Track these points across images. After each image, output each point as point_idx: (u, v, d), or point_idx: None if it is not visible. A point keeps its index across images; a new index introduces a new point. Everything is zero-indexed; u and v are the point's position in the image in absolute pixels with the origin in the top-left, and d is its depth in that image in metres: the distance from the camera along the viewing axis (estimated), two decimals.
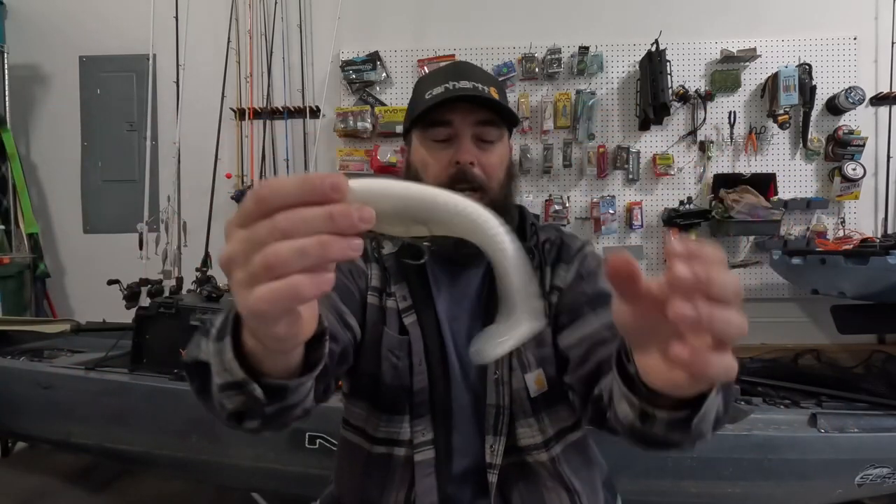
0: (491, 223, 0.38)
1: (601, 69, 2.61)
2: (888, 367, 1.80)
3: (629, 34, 2.63)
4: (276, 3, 2.68)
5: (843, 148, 2.52)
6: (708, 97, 2.58)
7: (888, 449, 1.38)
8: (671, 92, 2.51)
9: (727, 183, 2.50)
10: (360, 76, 2.65)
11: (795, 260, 2.20)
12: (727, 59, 2.56)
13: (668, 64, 2.48)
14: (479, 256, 0.73)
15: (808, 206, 2.52)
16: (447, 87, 0.76)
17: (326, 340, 0.44)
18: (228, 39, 2.62)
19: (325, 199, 0.30)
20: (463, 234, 0.38)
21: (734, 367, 0.33)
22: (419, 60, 2.66)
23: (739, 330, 0.32)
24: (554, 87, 2.66)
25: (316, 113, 2.71)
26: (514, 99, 2.60)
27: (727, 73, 2.59)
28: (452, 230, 0.38)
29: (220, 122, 2.60)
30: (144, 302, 1.83)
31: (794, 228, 2.58)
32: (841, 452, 1.38)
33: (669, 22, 2.55)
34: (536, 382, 0.78)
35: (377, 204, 0.33)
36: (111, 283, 1.91)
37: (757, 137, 2.58)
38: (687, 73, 2.62)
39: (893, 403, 1.47)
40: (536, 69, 2.61)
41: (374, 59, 2.65)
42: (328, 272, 0.31)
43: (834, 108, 2.55)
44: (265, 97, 2.66)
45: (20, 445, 2.32)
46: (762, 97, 2.60)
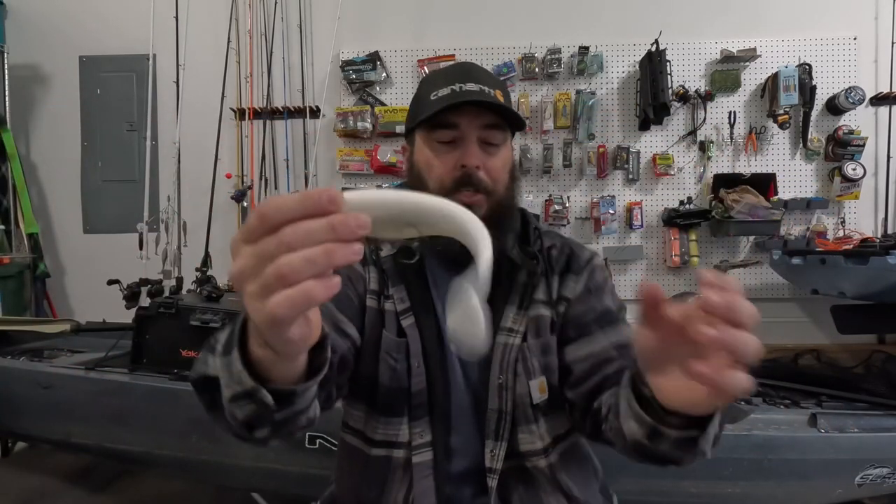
0: (475, 224, 0.42)
1: (601, 69, 2.61)
2: (888, 367, 1.80)
3: (629, 34, 2.63)
4: (276, 3, 2.68)
5: (843, 148, 2.51)
6: (708, 97, 2.57)
7: (888, 449, 1.38)
8: (671, 92, 2.51)
9: (727, 183, 2.50)
10: (360, 76, 2.65)
11: (795, 260, 2.20)
12: (727, 59, 2.56)
13: (668, 64, 2.48)
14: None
15: (808, 206, 2.52)
16: (454, 88, 0.75)
17: (328, 345, 0.47)
18: (228, 39, 2.62)
19: (323, 211, 0.32)
20: (449, 232, 0.42)
21: (751, 383, 0.37)
22: (419, 60, 2.66)
23: (756, 350, 0.36)
24: (554, 87, 2.65)
25: (316, 113, 2.71)
26: (514, 99, 2.60)
27: (727, 73, 2.59)
28: (439, 230, 0.42)
29: (220, 122, 2.60)
30: (144, 302, 1.83)
31: (794, 228, 2.57)
32: (841, 452, 1.38)
33: (669, 22, 2.55)
34: (539, 389, 0.78)
35: (370, 212, 0.35)
36: (111, 283, 1.91)
37: (757, 137, 2.58)
38: (687, 73, 2.62)
39: (893, 403, 1.47)
40: (536, 69, 2.61)
41: (374, 59, 2.65)
42: (335, 276, 0.33)
43: (834, 108, 2.55)
44: (265, 97, 2.66)
45: (20, 445, 2.32)
46: (762, 97, 2.60)
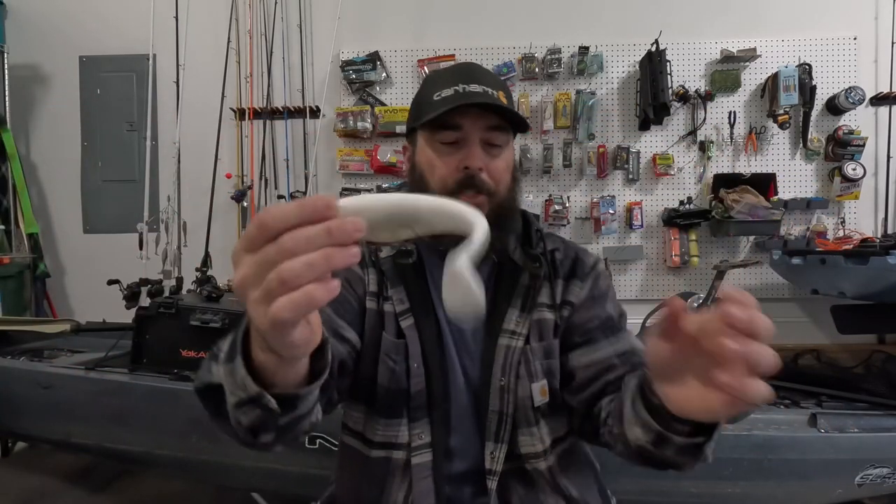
0: (466, 209, 0.44)
1: (601, 69, 2.61)
2: (888, 367, 1.80)
3: (629, 34, 2.63)
4: (276, 3, 2.68)
5: (843, 148, 2.51)
6: (708, 97, 2.57)
7: (888, 449, 1.38)
8: (671, 92, 2.51)
9: (727, 183, 2.50)
10: (360, 76, 2.65)
11: (795, 260, 2.20)
12: (727, 59, 2.56)
13: (668, 64, 2.48)
14: (484, 259, 0.76)
15: (808, 206, 2.52)
16: (457, 89, 0.75)
17: (328, 349, 0.48)
18: (228, 39, 2.62)
19: (320, 217, 0.34)
20: (443, 228, 0.43)
21: (770, 392, 0.39)
22: (419, 60, 2.66)
23: (772, 362, 0.38)
24: (554, 87, 2.65)
25: (316, 113, 2.71)
26: (514, 99, 2.59)
27: (727, 73, 2.59)
28: (433, 228, 0.43)
29: (220, 122, 2.60)
30: (144, 302, 1.83)
31: (794, 228, 2.57)
32: (841, 452, 1.38)
33: (669, 22, 2.55)
34: (541, 392, 0.79)
35: (365, 216, 0.37)
36: (111, 283, 1.91)
37: (757, 137, 2.58)
38: (687, 73, 2.62)
39: (893, 403, 1.47)
40: (536, 69, 2.61)
41: (374, 59, 2.65)
42: (334, 280, 0.34)
43: (834, 108, 2.55)
44: (265, 97, 2.66)
45: (20, 445, 2.32)
46: (762, 97, 2.60)
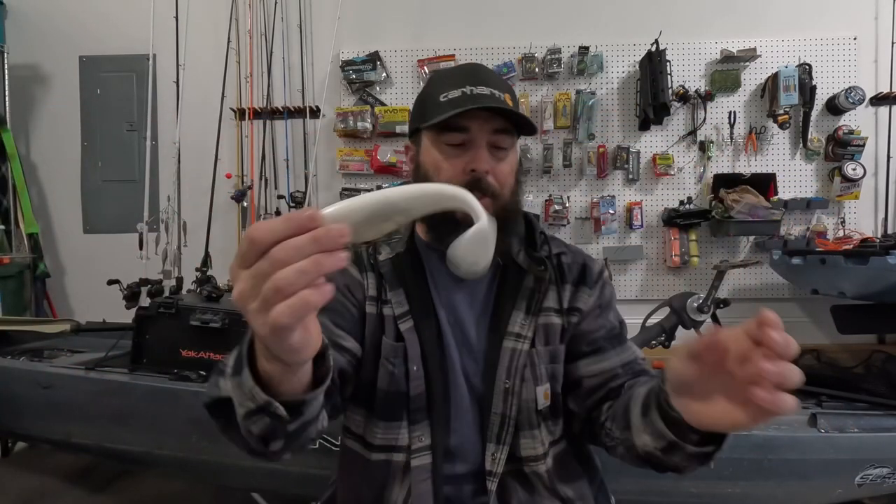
0: (438, 187, 0.48)
1: (601, 69, 2.61)
2: (888, 367, 1.80)
3: (629, 34, 2.63)
4: (276, 3, 2.68)
5: (843, 148, 2.51)
6: (708, 97, 2.57)
7: (888, 449, 1.37)
8: (671, 92, 2.51)
9: (727, 183, 2.50)
10: (360, 76, 2.65)
11: (795, 260, 2.20)
12: (727, 59, 2.56)
13: (668, 64, 2.48)
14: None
15: (808, 206, 2.52)
16: (464, 91, 0.75)
17: (329, 355, 0.50)
18: (228, 39, 2.62)
19: (306, 229, 0.36)
20: (422, 211, 0.47)
21: (797, 404, 0.43)
22: (419, 60, 2.66)
23: (799, 378, 0.42)
24: (554, 87, 2.65)
25: (316, 113, 2.71)
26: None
27: (727, 73, 2.59)
28: (412, 214, 0.46)
29: (220, 122, 2.60)
30: (144, 302, 1.83)
31: (794, 228, 2.57)
32: (841, 452, 1.38)
33: (669, 22, 2.55)
34: (544, 396, 0.80)
35: (348, 220, 0.40)
36: (111, 283, 1.91)
37: (757, 137, 2.58)
38: (687, 73, 2.62)
39: (893, 403, 1.47)
40: (536, 69, 2.61)
41: (374, 59, 2.65)
42: (326, 285, 0.37)
43: (834, 108, 2.55)
44: (265, 97, 2.66)
45: (20, 445, 2.32)
46: (762, 97, 2.60)
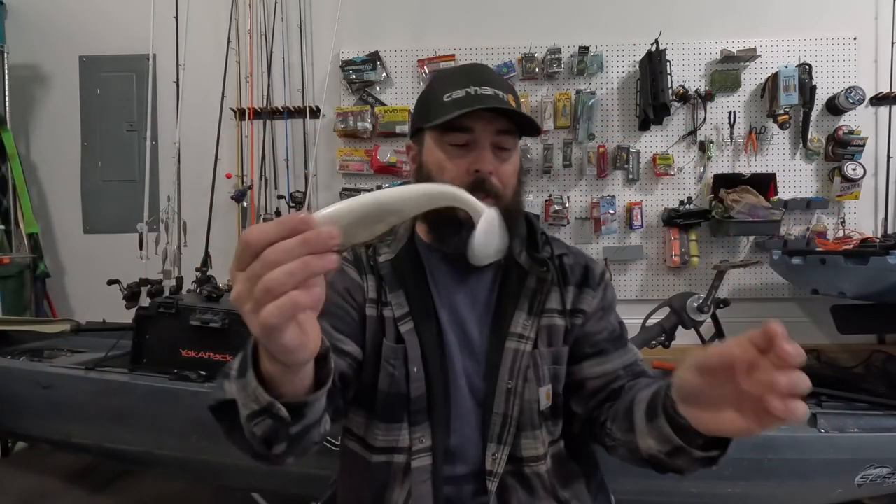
0: (429, 187, 0.51)
1: (601, 69, 2.61)
2: (888, 367, 1.80)
3: (629, 34, 2.63)
4: (276, 3, 2.68)
5: (843, 148, 2.51)
6: (708, 97, 2.57)
7: (888, 449, 1.37)
8: (671, 92, 2.51)
9: (727, 183, 2.49)
10: (360, 76, 2.65)
11: (795, 260, 2.20)
12: (727, 59, 2.56)
13: (668, 64, 2.48)
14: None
15: (808, 206, 2.52)
16: (468, 91, 0.75)
17: (331, 357, 0.51)
18: (228, 39, 2.62)
19: (297, 231, 0.37)
20: (415, 210, 0.49)
21: (807, 410, 0.43)
22: (419, 60, 2.66)
23: (808, 386, 0.43)
24: (554, 87, 2.65)
25: (316, 113, 2.71)
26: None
27: (727, 73, 2.59)
28: (404, 214, 0.48)
29: (220, 122, 2.60)
30: (144, 302, 1.83)
31: (794, 228, 2.57)
32: (841, 452, 1.38)
33: (669, 22, 2.54)
34: (546, 397, 0.80)
35: (338, 223, 0.41)
36: (111, 283, 1.91)
37: (757, 137, 2.58)
38: (687, 73, 2.62)
39: (893, 403, 1.47)
40: (536, 69, 2.60)
41: (374, 59, 2.65)
42: (317, 286, 0.38)
43: (834, 108, 2.55)
44: (265, 97, 2.66)
45: (20, 445, 2.32)
46: (762, 97, 2.60)
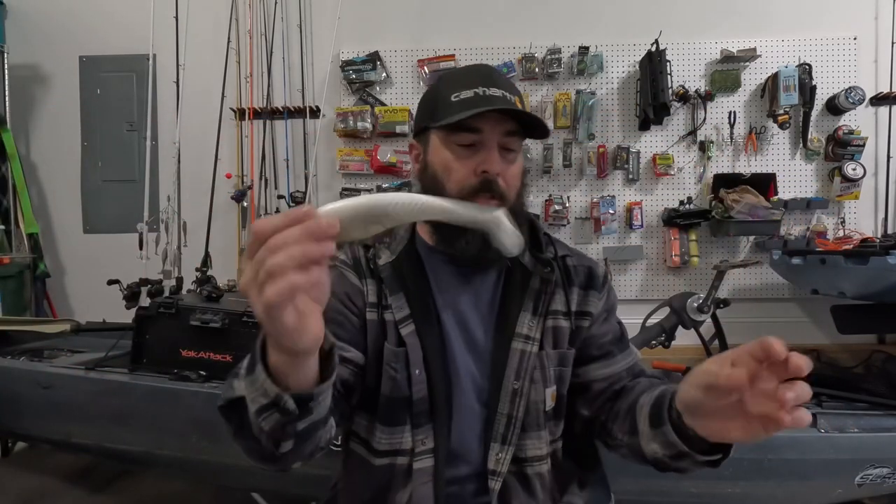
0: (427, 198, 0.56)
1: (601, 69, 2.61)
2: (888, 367, 1.81)
3: (629, 34, 2.63)
4: (276, 3, 2.68)
5: (843, 148, 2.51)
6: (708, 97, 2.57)
7: (888, 449, 1.38)
8: (671, 92, 2.51)
9: (727, 183, 2.50)
10: (360, 76, 2.65)
11: (795, 260, 2.20)
12: (727, 59, 2.56)
13: (668, 64, 2.48)
14: (494, 263, 0.79)
15: (808, 206, 2.52)
16: (477, 92, 0.75)
17: (335, 353, 0.53)
18: (228, 39, 2.62)
19: (300, 222, 0.41)
20: (409, 217, 0.53)
21: (809, 416, 0.46)
22: (419, 60, 2.66)
23: (810, 395, 0.46)
24: (554, 87, 2.65)
25: (316, 113, 2.71)
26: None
27: (727, 73, 2.59)
28: (400, 219, 0.52)
29: (220, 122, 2.61)
30: (144, 302, 1.83)
31: (794, 228, 2.57)
32: (841, 452, 1.38)
33: (669, 22, 2.55)
34: (552, 398, 0.81)
35: (339, 217, 0.45)
36: (111, 283, 1.91)
37: (757, 137, 2.58)
38: (687, 73, 2.62)
39: (893, 403, 1.47)
40: (536, 69, 2.61)
41: (374, 59, 2.65)
42: (315, 271, 0.41)
43: (834, 108, 2.55)
44: (265, 97, 2.66)
45: (20, 445, 2.32)
46: (762, 97, 2.60)
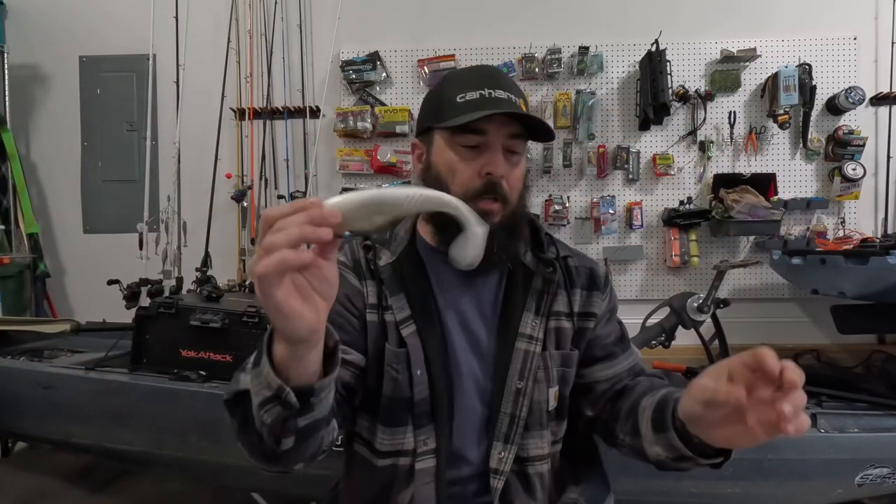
0: (428, 191, 0.58)
1: (601, 69, 2.61)
2: (888, 367, 1.81)
3: (629, 34, 2.63)
4: (276, 3, 2.68)
5: (843, 148, 2.51)
6: (708, 97, 2.57)
7: (888, 449, 1.38)
8: (671, 92, 2.51)
9: (727, 183, 2.49)
10: (360, 76, 2.65)
11: (795, 260, 2.20)
12: (727, 59, 2.56)
13: (668, 64, 2.48)
14: (496, 265, 0.79)
15: (808, 206, 2.52)
16: (482, 93, 0.75)
17: (339, 351, 0.55)
18: (228, 39, 2.62)
19: (305, 210, 0.45)
20: (411, 208, 0.55)
21: (808, 422, 0.48)
22: (419, 60, 2.66)
23: (805, 401, 0.48)
24: (554, 87, 2.65)
25: (316, 113, 2.71)
26: None
27: (727, 73, 2.59)
28: (401, 210, 0.54)
29: (220, 122, 2.60)
30: (144, 302, 1.83)
31: (794, 228, 2.57)
32: (841, 452, 1.38)
33: (669, 22, 2.54)
34: (554, 397, 0.81)
35: (342, 208, 0.49)
36: (111, 283, 1.91)
37: (757, 137, 2.58)
38: (687, 73, 2.62)
39: (893, 403, 1.47)
40: (536, 69, 2.60)
41: (374, 59, 2.65)
42: (308, 254, 0.45)
43: (834, 108, 2.55)
44: (265, 97, 2.66)
45: (20, 445, 2.32)
46: (762, 97, 2.60)
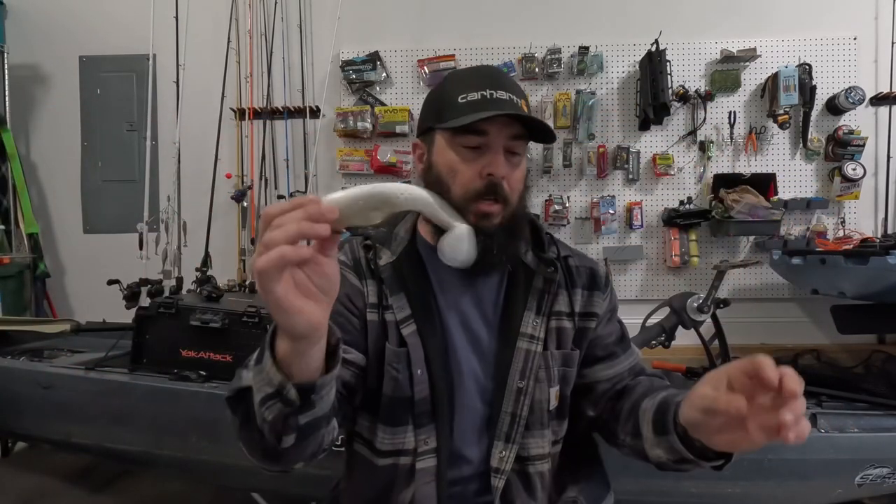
0: (414, 188, 0.61)
1: (601, 69, 2.61)
2: (888, 367, 1.80)
3: (629, 34, 2.63)
4: (276, 3, 2.68)
5: (843, 148, 2.51)
6: (708, 97, 2.57)
7: (888, 449, 1.38)
8: (671, 92, 2.51)
9: (727, 183, 2.50)
10: (360, 76, 2.65)
11: (795, 260, 2.20)
12: (727, 59, 2.56)
13: (668, 64, 2.48)
14: (497, 265, 0.80)
15: (808, 206, 2.52)
16: (484, 94, 0.74)
17: (340, 349, 0.56)
18: (228, 39, 2.62)
19: (303, 207, 0.46)
20: (404, 205, 0.58)
21: (808, 427, 0.49)
22: (419, 60, 2.66)
23: (804, 408, 0.49)
24: (554, 87, 2.65)
25: (316, 113, 2.71)
26: None
27: (727, 73, 2.59)
28: (396, 206, 0.57)
29: (220, 122, 2.61)
30: (144, 302, 1.83)
31: (794, 228, 2.57)
32: (841, 452, 1.38)
33: (669, 22, 2.55)
34: (555, 397, 0.81)
35: (339, 204, 0.50)
36: (111, 283, 1.91)
37: (757, 137, 2.58)
38: (687, 73, 2.62)
39: (893, 403, 1.47)
40: (536, 69, 2.60)
41: (374, 59, 2.65)
42: (307, 250, 0.46)
43: (834, 108, 2.55)
44: (265, 97, 2.66)
45: (20, 445, 2.32)
46: (762, 97, 2.60)
